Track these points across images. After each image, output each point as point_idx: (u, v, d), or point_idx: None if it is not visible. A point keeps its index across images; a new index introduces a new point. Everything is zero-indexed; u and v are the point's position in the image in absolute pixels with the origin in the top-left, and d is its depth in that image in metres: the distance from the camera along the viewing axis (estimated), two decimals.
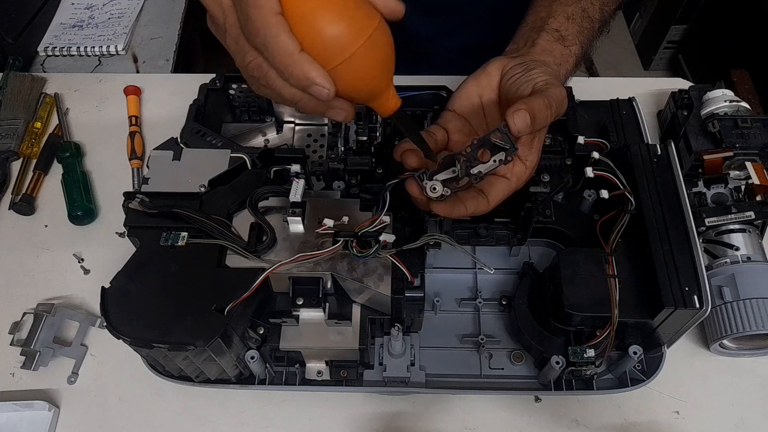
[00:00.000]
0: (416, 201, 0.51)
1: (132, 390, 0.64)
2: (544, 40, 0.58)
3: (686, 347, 0.65)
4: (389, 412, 0.62)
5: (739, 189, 0.67)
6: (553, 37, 0.58)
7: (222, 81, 0.69)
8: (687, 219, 0.56)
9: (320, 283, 0.55)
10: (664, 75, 1.96)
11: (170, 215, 0.56)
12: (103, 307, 0.52)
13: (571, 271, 0.56)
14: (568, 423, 0.61)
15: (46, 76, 0.89)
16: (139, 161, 0.79)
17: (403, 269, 0.53)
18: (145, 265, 0.54)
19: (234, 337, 0.54)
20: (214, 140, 0.63)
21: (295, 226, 0.56)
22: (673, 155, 0.60)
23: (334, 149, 0.63)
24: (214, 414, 0.62)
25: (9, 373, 0.65)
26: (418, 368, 0.61)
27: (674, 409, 0.62)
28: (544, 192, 0.60)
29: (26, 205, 0.75)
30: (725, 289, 0.61)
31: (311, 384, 0.61)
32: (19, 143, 0.80)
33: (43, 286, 0.70)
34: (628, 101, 0.69)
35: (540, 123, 0.47)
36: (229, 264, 0.55)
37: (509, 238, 0.67)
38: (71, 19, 1.05)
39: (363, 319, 0.57)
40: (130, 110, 0.83)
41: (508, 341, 0.64)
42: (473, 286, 0.67)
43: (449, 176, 0.49)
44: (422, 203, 0.51)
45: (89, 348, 0.67)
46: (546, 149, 0.62)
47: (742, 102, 0.71)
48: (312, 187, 0.64)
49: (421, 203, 0.51)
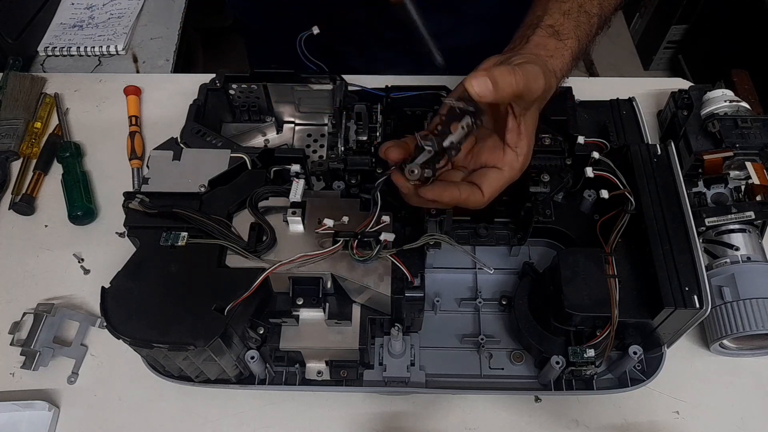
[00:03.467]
0: (406, 195, 0.51)
1: (132, 390, 0.64)
2: (538, 36, 0.58)
3: (686, 347, 0.65)
4: (389, 412, 0.62)
5: (739, 189, 0.67)
6: (547, 33, 0.58)
7: (222, 81, 0.69)
8: (687, 219, 0.56)
9: (320, 283, 0.55)
10: (664, 75, 1.96)
11: (170, 215, 0.56)
12: (103, 307, 0.52)
13: (571, 271, 0.56)
14: (568, 423, 0.61)
15: (46, 76, 0.89)
16: (139, 161, 0.79)
17: (403, 269, 0.53)
18: (145, 265, 0.54)
19: (234, 337, 0.54)
20: (214, 140, 0.63)
21: (295, 226, 0.56)
22: (673, 155, 0.60)
23: (334, 149, 0.63)
24: (214, 414, 0.62)
25: (9, 373, 0.65)
26: (418, 368, 0.61)
27: (674, 409, 0.62)
28: (544, 192, 0.60)
29: (26, 205, 0.75)
30: (725, 289, 0.61)
31: (311, 384, 0.61)
32: (19, 143, 0.80)
33: (43, 286, 0.70)
34: (628, 101, 0.69)
35: (504, 89, 0.47)
36: (229, 264, 0.55)
37: (509, 238, 0.67)
38: (71, 19, 1.05)
39: (363, 319, 0.57)
40: (130, 110, 0.83)
41: (508, 341, 0.64)
42: (473, 286, 0.67)
43: (427, 157, 0.49)
44: (411, 194, 0.51)
45: (89, 348, 0.67)
46: (546, 149, 0.62)
47: (742, 102, 0.71)
48: (312, 187, 0.64)
49: (409, 194, 0.51)
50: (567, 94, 0.66)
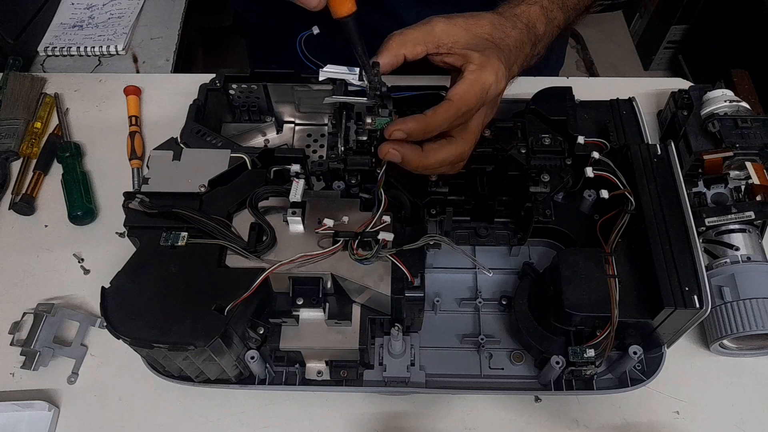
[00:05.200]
0: (405, 158, 0.53)
1: (132, 390, 0.64)
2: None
3: (686, 347, 0.65)
4: (389, 412, 0.62)
5: (739, 189, 0.67)
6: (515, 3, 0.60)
7: (222, 81, 0.69)
8: (687, 219, 0.56)
9: (320, 283, 0.55)
10: (664, 75, 1.96)
11: (170, 215, 0.56)
12: (103, 307, 0.52)
13: (571, 271, 0.56)
14: (568, 423, 0.61)
15: (46, 76, 0.89)
16: (139, 161, 0.79)
17: (403, 269, 0.53)
18: (145, 265, 0.54)
19: (234, 337, 0.54)
20: (214, 140, 0.63)
21: (295, 226, 0.56)
22: (673, 155, 0.60)
23: (334, 149, 0.63)
24: (214, 414, 0.62)
25: (9, 373, 0.65)
26: (418, 368, 0.61)
27: (674, 409, 0.62)
28: (544, 192, 0.60)
29: (26, 205, 0.75)
30: (725, 289, 0.61)
31: (311, 384, 0.61)
32: (19, 143, 0.80)
33: (43, 286, 0.70)
34: (628, 101, 0.69)
35: (411, 162, 0.53)
36: (229, 264, 0.55)
37: (509, 238, 0.67)
38: (71, 19, 1.05)
39: (363, 319, 0.57)
40: (130, 110, 0.83)
41: (508, 341, 0.64)
42: (473, 286, 0.67)
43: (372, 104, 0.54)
44: (408, 155, 0.53)
45: (89, 348, 0.67)
46: (546, 149, 0.62)
47: (742, 102, 0.71)
48: (312, 187, 0.64)
49: (407, 157, 0.53)
50: (567, 94, 0.66)
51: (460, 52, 0.53)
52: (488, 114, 0.58)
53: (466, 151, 0.56)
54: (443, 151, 0.54)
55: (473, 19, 0.55)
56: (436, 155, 0.54)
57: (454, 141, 0.54)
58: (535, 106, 0.64)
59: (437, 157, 0.54)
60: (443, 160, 0.54)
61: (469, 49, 0.53)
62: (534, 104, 0.65)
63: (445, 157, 0.54)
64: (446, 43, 0.53)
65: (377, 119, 0.54)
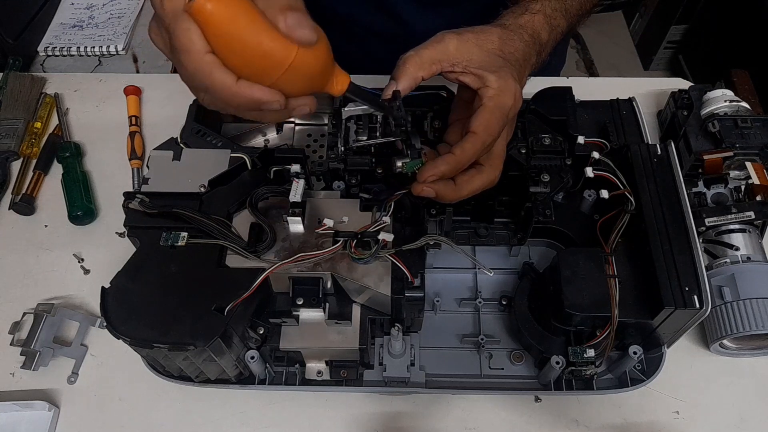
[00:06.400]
0: (439, 193, 0.53)
1: (132, 390, 0.64)
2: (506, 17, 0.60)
3: (686, 347, 0.65)
4: (389, 412, 0.62)
5: (739, 189, 0.67)
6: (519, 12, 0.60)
7: None
8: (687, 219, 0.56)
9: (320, 283, 0.55)
10: (664, 75, 1.96)
11: (170, 215, 0.56)
12: (103, 307, 0.52)
13: (571, 271, 0.56)
14: (568, 423, 0.61)
15: (46, 76, 0.89)
16: (139, 161, 0.79)
17: (403, 269, 0.53)
18: (145, 265, 0.54)
19: (234, 337, 0.54)
20: (214, 140, 0.63)
21: (295, 226, 0.56)
22: (673, 155, 0.60)
23: (334, 149, 0.63)
24: (215, 414, 0.62)
25: (9, 373, 0.65)
26: (418, 368, 0.61)
27: (674, 409, 0.62)
28: (544, 192, 0.60)
29: (26, 205, 0.75)
30: (725, 289, 0.61)
31: (311, 384, 0.61)
32: (19, 143, 0.80)
33: (43, 286, 0.70)
34: (628, 101, 0.69)
35: (445, 196, 0.54)
36: (229, 264, 0.55)
37: (509, 238, 0.67)
38: (71, 19, 1.05)
39: (363, 319, 0.57)
40: (130, 110, 0.83)
41: (508, 341, 0.64)
42: (473, 286, 0.67)
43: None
44: (442, 190, 0.53)
45: (89, 348, 0.67)
46: (546, 149, 0.62)
47: (742, 102, 0.71)
48: (312, 187, 0.64)
49: (441, 192, 0.53)
50: (567, 94, 0.66)
51: (476, 72, 0.53)
52: (509, 132, 0.58)
53: (496, 176, 0.56)
54: (475, 182, 0.54)
55: (483, 34, 0.55)
56: (469, 186, 0.54)
57: (483, 170, 0.55)
58: (536, 106, 0.64)
59: (470, 188, 0.54)
60: (476, 189, 0.55)
61: (484, 70, 0.52)
62: (534, 104, 0.65)
63: (477, 186, 0.55)
64: (461, 62, 0.53)
65: (407, 163, 0.53)
